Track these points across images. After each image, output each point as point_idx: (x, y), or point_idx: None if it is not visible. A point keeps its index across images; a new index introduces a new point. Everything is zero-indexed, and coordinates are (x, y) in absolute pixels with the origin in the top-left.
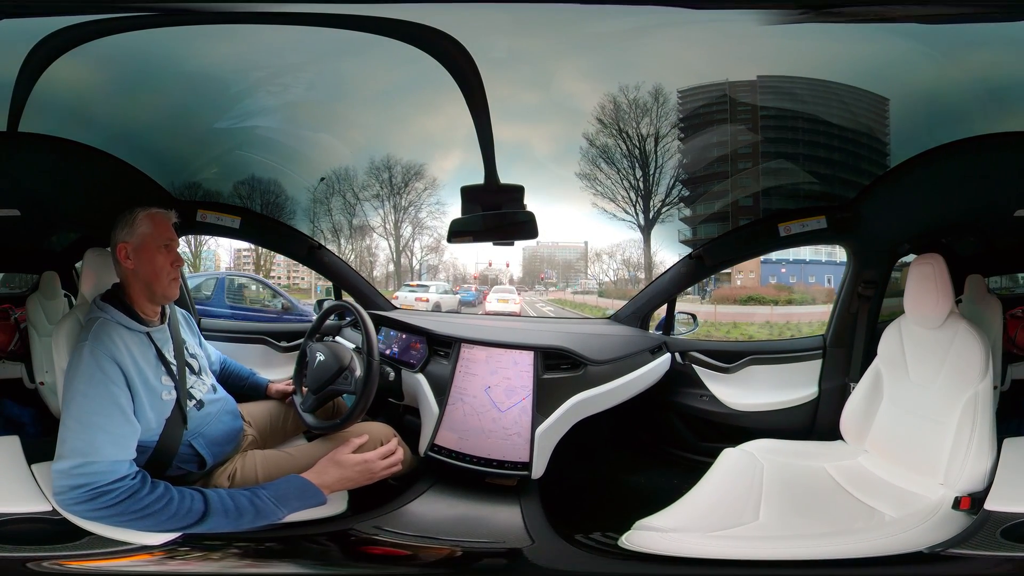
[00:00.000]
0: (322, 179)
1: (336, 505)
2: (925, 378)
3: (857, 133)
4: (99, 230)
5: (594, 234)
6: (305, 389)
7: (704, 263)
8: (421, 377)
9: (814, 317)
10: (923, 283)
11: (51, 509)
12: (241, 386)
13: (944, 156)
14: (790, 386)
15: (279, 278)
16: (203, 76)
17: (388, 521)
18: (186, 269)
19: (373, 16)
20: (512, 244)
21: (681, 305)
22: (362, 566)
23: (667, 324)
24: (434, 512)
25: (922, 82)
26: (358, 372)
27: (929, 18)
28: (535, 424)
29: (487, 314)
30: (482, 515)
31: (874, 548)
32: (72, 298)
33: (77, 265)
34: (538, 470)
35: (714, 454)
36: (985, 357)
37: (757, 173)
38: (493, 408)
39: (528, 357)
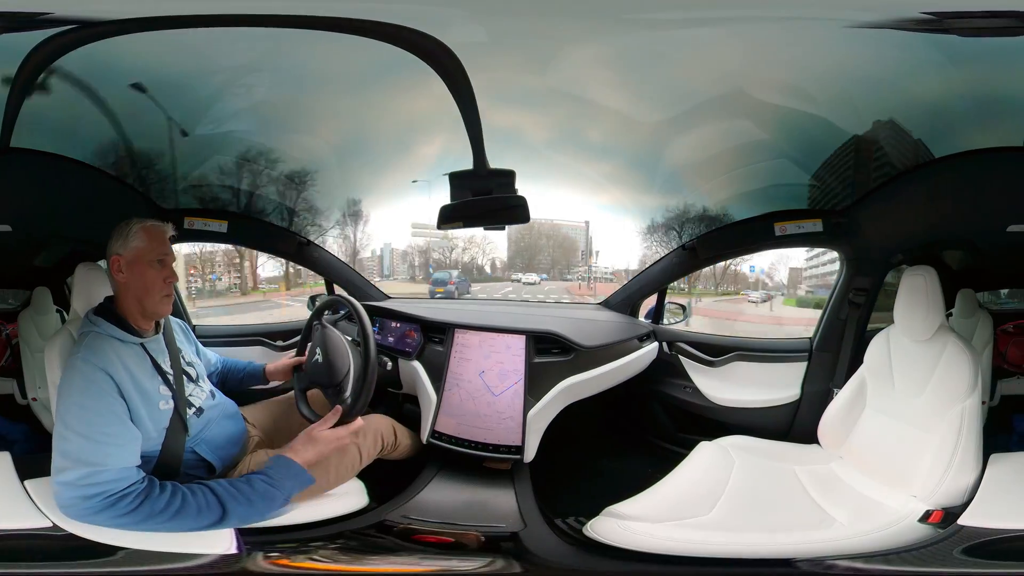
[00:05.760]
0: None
1: (359, 498)
2: (910, 390)
3: (862, 139)
4: (89, 244)
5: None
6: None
7: (697, 255)
8: (417, 364)
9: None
10: (914, 295)
11: (52, 524)
12: (240, 377)
13: (939, 169)
14: (773, 385)
15: None
16: (172, 84)
17: (411, 509)
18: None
19: (344, 17)
20: (503, 229)
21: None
22: (415, 554)
23: (656, 313)
24: (445, 498)
25: (929, 92)
26: (357, 365)
27: (969, 31)
28: (527, 407)
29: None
30: (484, 499)
31: (808, 550)
32: (64, 313)
33: (68, 280)
34: (530, 453)
35: (691, 446)
36: (973, 372)
37: (758, 171)
38: (487, 392)
39: (520, 341)
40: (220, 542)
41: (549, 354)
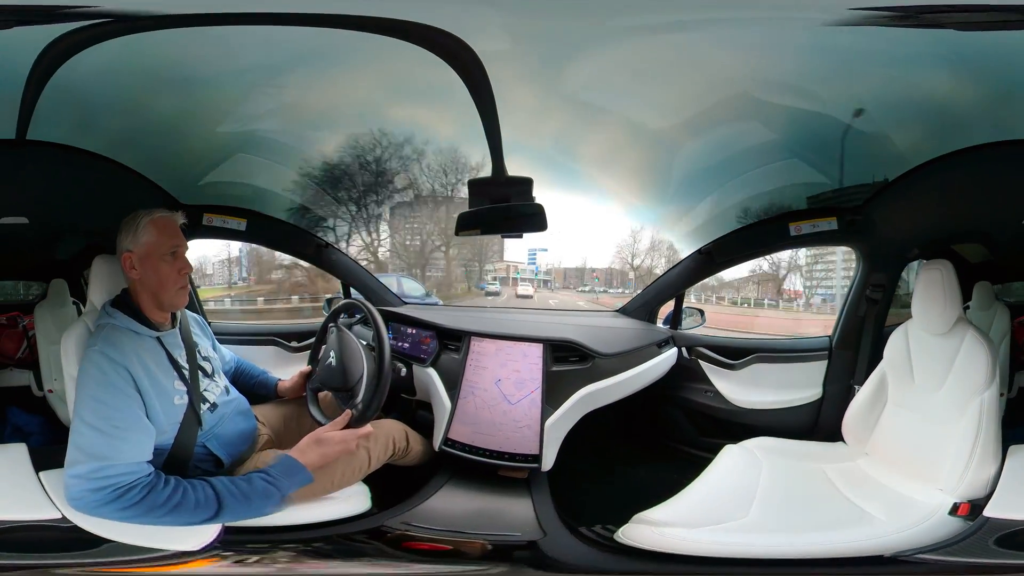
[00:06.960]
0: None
1: (360, 502)
2: (930, 384)
3: (873, 136)
4: (107, 237)
5: None
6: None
7: (713, 259)
8: (432, 371)
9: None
10: (931, 289)
11: (61, 516)
12: (251, 384)
13: (953, 163)
14: (795, 386)
15: None
16: (199, 81)
17: (415, 516)
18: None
19: (374, 16)
20: (521, 237)
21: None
22: (405, 561)
23: (674, 318)
24: (455, 506)
25: (938, 87)
26: (371, 369)
27: (966, 25)
28: (544, 416)
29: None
30: (498, 508)
31: (853, 549)
32: (81, 306)
33: (85, 272)
34: (547, 462)
35: (715, 449)
36: (991, 364)
37: (770, 171)
38: (503, 401)
39: (537, 350)
40: (203, 539)
41: (567, 362)
